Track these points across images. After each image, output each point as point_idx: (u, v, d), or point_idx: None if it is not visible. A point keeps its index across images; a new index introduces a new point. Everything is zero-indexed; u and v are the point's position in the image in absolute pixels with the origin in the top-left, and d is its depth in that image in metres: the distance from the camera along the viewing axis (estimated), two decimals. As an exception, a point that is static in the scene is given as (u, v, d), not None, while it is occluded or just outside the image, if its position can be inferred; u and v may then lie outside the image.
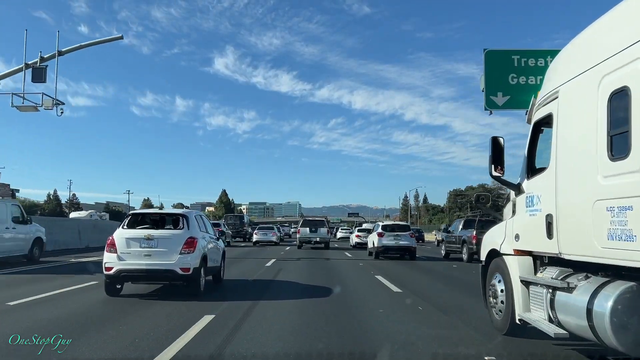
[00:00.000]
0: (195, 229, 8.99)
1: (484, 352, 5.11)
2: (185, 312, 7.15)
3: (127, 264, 8.33)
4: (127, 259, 8.36)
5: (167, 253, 8.40)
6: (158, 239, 8.47)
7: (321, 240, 28.21)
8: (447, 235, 23.38)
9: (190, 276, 8.46)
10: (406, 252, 21.56)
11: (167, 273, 8.39)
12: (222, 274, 11.13)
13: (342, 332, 6.03)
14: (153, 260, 8.35)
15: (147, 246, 8.40)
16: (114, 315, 6.96)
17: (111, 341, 5.34)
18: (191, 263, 8.45)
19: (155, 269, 8.36)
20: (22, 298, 8.17)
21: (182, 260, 8.38)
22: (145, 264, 8.33)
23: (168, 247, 8.44)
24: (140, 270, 8.35)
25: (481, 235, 19.27)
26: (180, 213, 9.24)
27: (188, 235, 8.61)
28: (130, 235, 8.53)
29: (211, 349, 5.04)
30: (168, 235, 8.63)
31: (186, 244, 8.49)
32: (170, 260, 8.36)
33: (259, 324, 6.41)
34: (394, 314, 7.48)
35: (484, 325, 6.31)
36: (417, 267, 17.72)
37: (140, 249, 8.38)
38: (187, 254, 8.46)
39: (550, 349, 5.28)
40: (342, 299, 8.81)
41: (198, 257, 8.66)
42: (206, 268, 9.24)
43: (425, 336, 5.90)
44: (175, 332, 5.75)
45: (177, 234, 8.68)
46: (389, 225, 22.74)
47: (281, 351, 5.12)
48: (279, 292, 9.94)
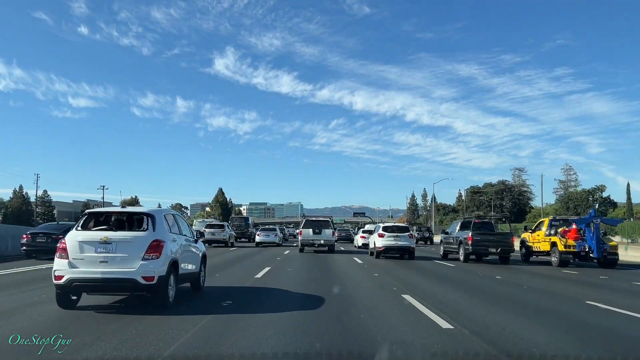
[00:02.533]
0: (163, 230, 7.66)
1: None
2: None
3: (80, 272, 7.01)
4: (80, 266, 7.04)
5: (128, 259, 7.08)
6: (117, 242, 7.15)
7: (325, 243, 26.02)
8: (445, 237, 23.78)
9: (154, 286, 7.12)
10: (405, 252, 22.31)
11: (126, 283, 7.07)
12: (202, 281, 9.83)
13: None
14: (110, 267, 7.03)
15: (104, 251, 7.08)
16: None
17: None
18: (156, 270, 7.12)
19: (113, 278, 7.02)
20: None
21: (144, 267, 7.06)
22: (101, 272, 6.99)
23: (128, 252, 7.12)
24: (95, 279, 7.02)
25: (477, 236, 19.99)
26: (144, 212, 7.86)
27: (153, 238, 7.27)
28: (83, 238, 7.21)
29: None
30: (129, 238, 7.29)
31: (150, 248, 7.17)
32: (131, 267, 7.04)
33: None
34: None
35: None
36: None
37: (96, 254, 7.07)
38: (152, 259, 7.14)
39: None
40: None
41: (165, 263, 7.34)
42: (177, 275, 7.93)
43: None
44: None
45: (139, 236, 7.33)
46: (389, 227, 23.40)
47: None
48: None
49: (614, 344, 6.00)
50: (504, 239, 20.55)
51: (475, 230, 20.52)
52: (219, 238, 31.66)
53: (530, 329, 6.62)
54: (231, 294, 9.39)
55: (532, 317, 7.78)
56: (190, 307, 7.75)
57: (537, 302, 9.48)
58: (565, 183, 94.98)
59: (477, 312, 7.93)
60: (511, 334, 6.17)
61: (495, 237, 20.66)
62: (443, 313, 7.49)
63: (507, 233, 22.30)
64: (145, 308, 7.45)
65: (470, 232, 20.26)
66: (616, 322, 7.41)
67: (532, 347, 5.49)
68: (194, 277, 9.19)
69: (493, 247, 19.91)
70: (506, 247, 20.15)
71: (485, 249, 20.02)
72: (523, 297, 10.16)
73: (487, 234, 20.65)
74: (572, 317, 7.78)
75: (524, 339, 5.89)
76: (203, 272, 9.87)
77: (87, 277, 7.02)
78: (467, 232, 20.50)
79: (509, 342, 5.74)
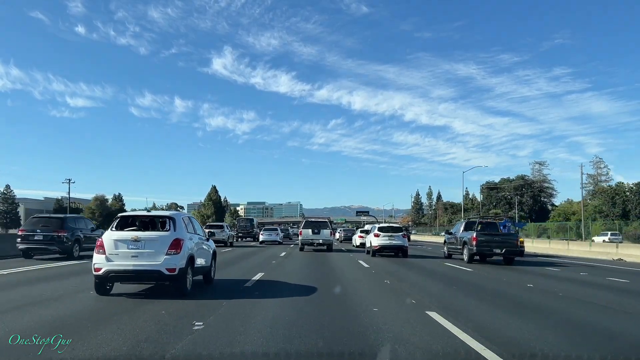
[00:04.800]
0: (182, 230, 9.24)
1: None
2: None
3: (115, 265, 8.61)
4: (115, 260, 8.63)
5: (154, 254, 8.66)
6: (145, 240, 8.74)
7: (324, 242, 28.03)
8: (449, 237, 23.97)
9: (176, 276, 8.71)
10: (399, 251, 24.12)
11: (153, 273, 8.66)
12: (213, 274, 11.39)
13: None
14: (140, 261, 8.62)
15: (135, 247, 8.67)
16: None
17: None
18: (177, 264, 8.70)
19: (142, 270, 8.62)
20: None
21: (168, 261, 8.63)
22: (133, 265, 8.59)
23: (155, 248, 8.70)
24: (127, 271, 8.62)
25: (482, 237, 20.10)
26: (167, 215, 9.49)
27: (174, 237, 8.86)
28: (118, 237, 8.80)
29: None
30: (155, 237, 8.88)
31: (172, 245, 8.75)
32: (157, 261, 8.62)
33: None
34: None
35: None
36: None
37: (128, 251, 8.66)
38: (174, 255, 8.72)
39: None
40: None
41: (184, 257, 8.91)
42: (193, 268, 9.50)
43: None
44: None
45: (163, 235, 8.93)
46: (384, 227, 25.21)
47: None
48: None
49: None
50: (509, 240, 20.55)
51: (480, 230, 20.48)
52: (219, 238, 33.51)
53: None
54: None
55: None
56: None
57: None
58: (595, 177, 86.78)
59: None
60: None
61: (500, 237, 20.59)
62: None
63: (512, 234, 22.44)
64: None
65: (474, 232, 20.25)
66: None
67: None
68: (206, 270, 10.77)
69: (498, 248, 19.83)
70: (511, 248, 20.04)
71: (490, 249, 19.92)
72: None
73: (491, 234, 20.58)
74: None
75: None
76: (213, 266, 11.44)
77: (121, 269, 8.60)
78: (472, 232, 20.49)
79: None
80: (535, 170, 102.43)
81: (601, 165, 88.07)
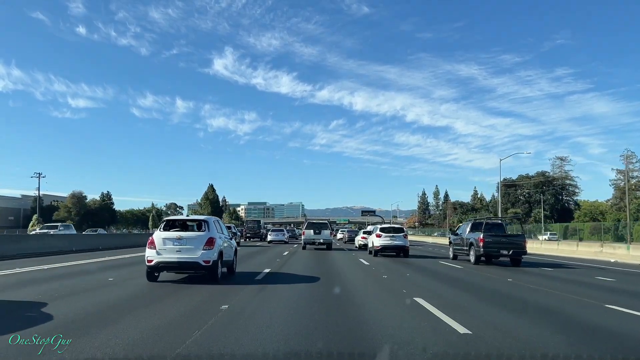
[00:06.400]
0: (214, 231, 11.72)
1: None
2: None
3: (163, 258, 11.08)
4: (163, 254, 11.11)
5: (193, 249, 11.13)
6: (186, 238, 11.21)
7: (324, 242, 31.10)
8: (455, 238, 23.99)
9: (210, 267, 11.19)
10: (400, 251, 25.03)
11: (193, 265, 11.14)
12: (235, 267, 13.86)
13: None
14: (182, 255, 11.09)
15: (178, 244, 11.14)
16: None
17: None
18: (211, 257, 11.17)
19: (184, 261, 11.10)
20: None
21: (204, 255, 11.10)
22: (177, 258, 11.08)
23: (194, 244, 11.17)
24: (173, 262, 11.11)
25: (489, 238, 20.26)
26: (202, 219, 12.01)
27: (209, 236, 11.34)
28: (165, 236, 11.29)
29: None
30: (194, 236, 11.35)
31: (207, 243, 11.21)
32: (196, 255, 11.09)
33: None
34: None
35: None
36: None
37: (173, 246, 11.13)
38: (208, 250, 11.18)
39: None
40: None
41: (216, 252, 11.38)
42: (222, 261, 11.96)
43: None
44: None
45: (200, 235, 11.40)
46: (386, 228, 26.16)
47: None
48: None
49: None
50: (517, 241, 20.33)
51: (487, 231, 20.50)
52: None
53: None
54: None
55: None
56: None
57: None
58: (626, 173, 79.31)
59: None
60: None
61: (508, 238, 20.51)
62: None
63: (520, 235, 22.26)
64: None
65: (481, 233, 20.26)
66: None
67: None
68: (230, 263, 13.23)
69: (505, 249, 19.75)
70: (518, 249, 19.91)
71: (497, 250, 19.87)
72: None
73: (499, 235, 20.52)
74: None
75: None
76: (235, 260, 13.90)
77: (168, 260, 11.08)
78: (479, 233, 20.51)
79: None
80: (555, 166, 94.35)
81: (632, 159, 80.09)
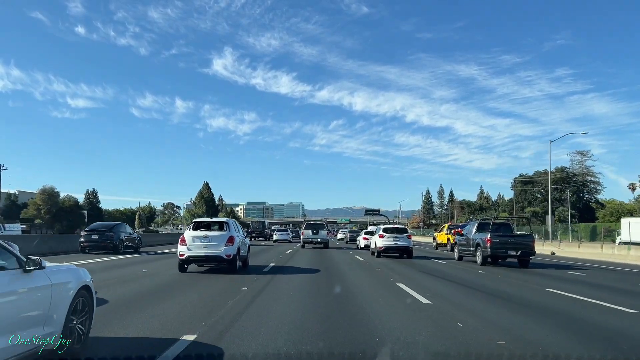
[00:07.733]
0: (234, 230, 14.28)
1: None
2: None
3: (192, 252, 13.63)
4: (193, 249, 13.65)
5: (217, 246, 13.67)
6: (212, 236, 13.76)
7: (322, 241, 34.14)
8: (460, 238, 23.49)
9: (231, 260, 13.75)
10: (404, 252, 24.31)
11: (217, 258, 13.71)
12: (248, 261, 16.40)
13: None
14: (209, 250, 13.64)
15: (205, 241, 13.69)
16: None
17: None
18: (231, 252, 13.72)
19: (210, 255, 13.68)
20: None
21: (226, 250, 13.64)
22: (204, 252, 13.65)
23: (217, 241, 13.71)
24: (201, 256, 13.69)
25: (496, 238, 20.06)
26: (224, 220, 14.61)
27: (229, 235, 13.88)
28: (194, 234, 13.86)
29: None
30: (217, 235, 13.90)
31: (228, 240, 13.75)
32: (219, 250, 13.63)
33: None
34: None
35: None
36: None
37: (201, 243, 13.68)
38: (229, 246, 13.72)
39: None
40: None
41: (235, 248, 13.92)
42: (240, 256, 14.49)
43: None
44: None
45: (223, 234, 13.95)
46: (389, 228, 25.56)
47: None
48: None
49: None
50: (525, 241, 19.87)
51: (494, 232, 20.17)
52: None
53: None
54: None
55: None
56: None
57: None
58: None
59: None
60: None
61: (515, 239, 20.05)
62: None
63: (528, 235, 21.42)
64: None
65: (488, 234, 19.91)
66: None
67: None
68: (244, 258, 15.76)
69: (513, 250, 19.39)
70: (526, 250, 19.55)
71: (504, 251, 19.50)
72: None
73: (506, 236, 20.17)
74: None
75: None
76: (248, 255, 16.45)
77: (197, 255, 13.65)
78: (486, 234, 20.21)
79: None
80: (575, 161, 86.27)
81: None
